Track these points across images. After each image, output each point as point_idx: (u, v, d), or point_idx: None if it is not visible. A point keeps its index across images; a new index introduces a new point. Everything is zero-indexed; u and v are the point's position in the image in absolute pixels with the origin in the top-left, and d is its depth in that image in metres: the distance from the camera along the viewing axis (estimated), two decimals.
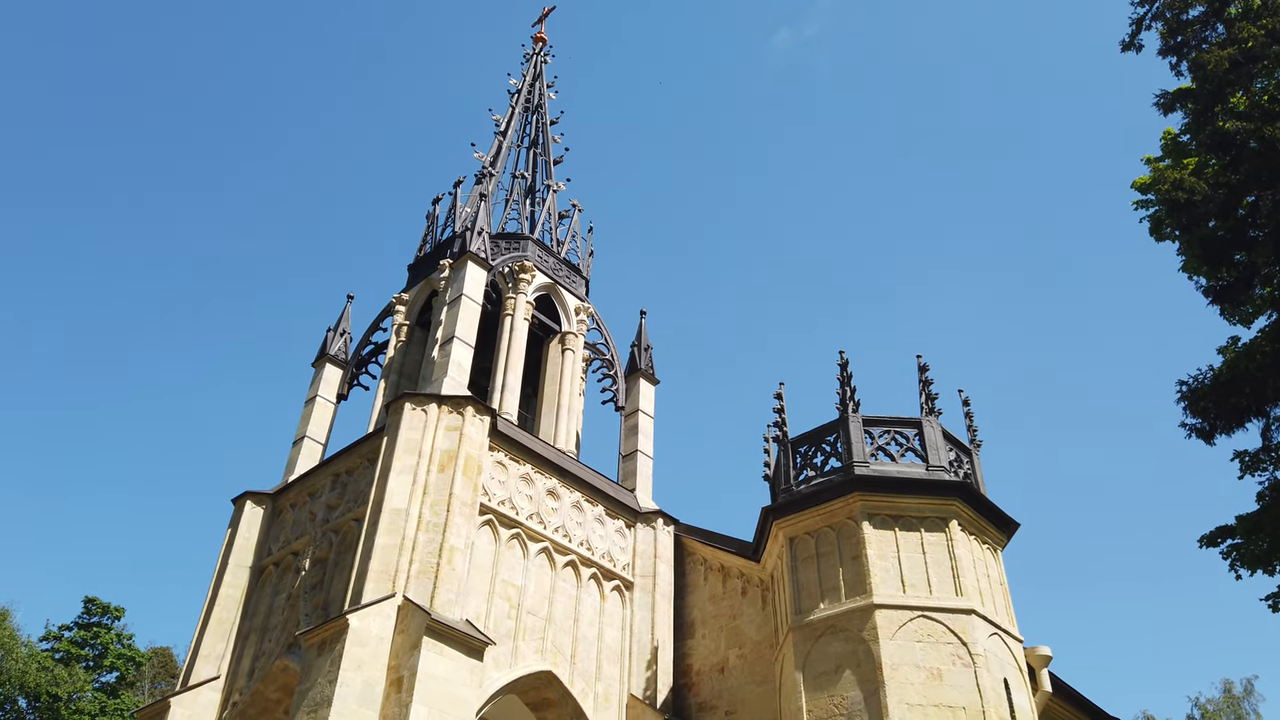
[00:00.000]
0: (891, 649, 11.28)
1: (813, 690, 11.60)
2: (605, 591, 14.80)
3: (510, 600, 13.37)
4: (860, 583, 11.95)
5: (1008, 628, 12.12)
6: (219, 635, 14.13)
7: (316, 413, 17.07)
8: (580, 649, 13.87)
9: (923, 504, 12.46)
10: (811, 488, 13.12)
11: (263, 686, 13.00)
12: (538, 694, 13.37)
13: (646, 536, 15.75)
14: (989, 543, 12.88)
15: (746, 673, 13.99)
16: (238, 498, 15.68)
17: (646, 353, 18.62)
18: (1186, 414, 12.79)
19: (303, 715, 10.84)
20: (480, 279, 16.17)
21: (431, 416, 13.55)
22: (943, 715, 10.80)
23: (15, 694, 30.05)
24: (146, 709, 13.91)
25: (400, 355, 17.46)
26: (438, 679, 11.09)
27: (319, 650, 11.34)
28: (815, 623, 12.03)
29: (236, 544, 15.03)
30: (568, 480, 15.20)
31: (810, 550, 12.74)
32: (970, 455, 13.56)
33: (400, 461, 13.04)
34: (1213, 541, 14.05)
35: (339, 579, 12.95)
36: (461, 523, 12.83)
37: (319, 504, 14.53)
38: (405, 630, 11.50)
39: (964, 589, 11.79)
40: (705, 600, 15.30)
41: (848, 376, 13.76)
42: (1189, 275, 13.33)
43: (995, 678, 11.27)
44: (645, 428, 17.60)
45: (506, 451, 14.50)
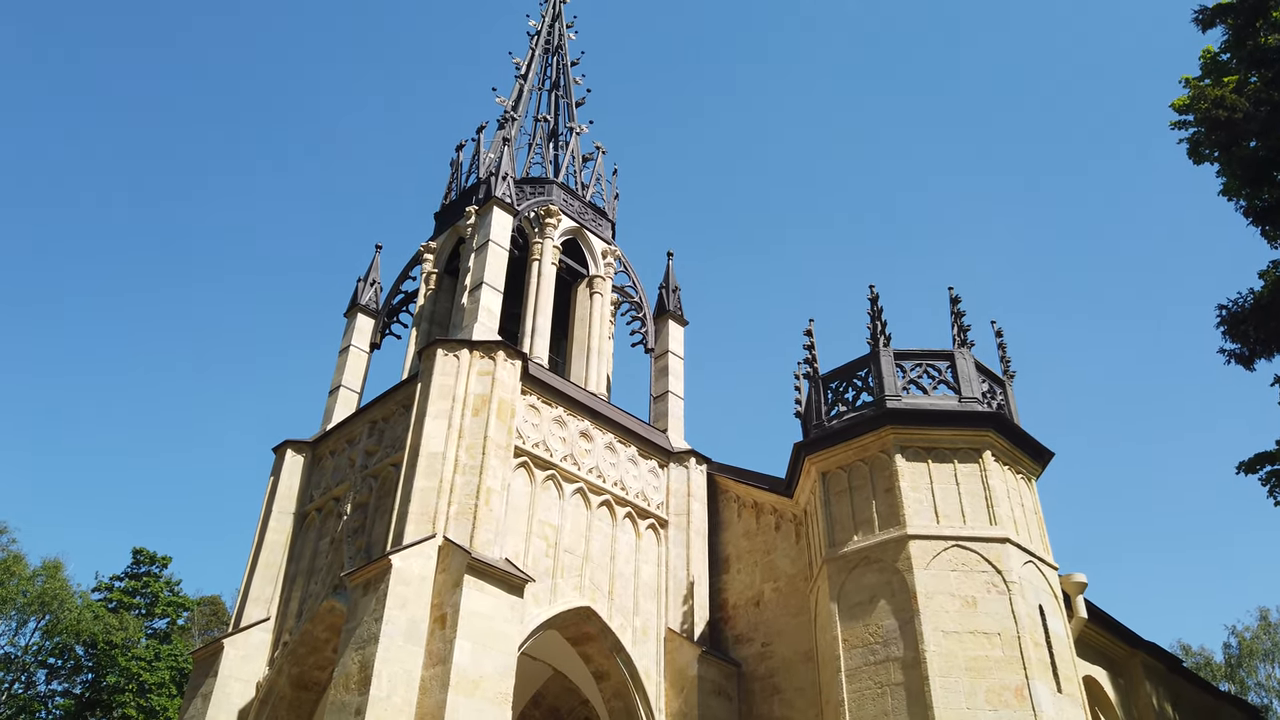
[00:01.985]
0: (926, 578, 11.39)
1: (848, 620, 11.76)
2: (640, 530, 15.01)
3: (548, 539, 13.61)
4: (894, 514, 12.02)
5: (1042, 555, 12.17)
6: (267, 579, 14.56)
7: (351, 362, 17.30)
8: (617, 585, 14.13)
9: (955, 436, 12.45)
10: (843, 423, 13.15)
11: (311, 626, 13.40)
12: (577, 629, 13.67)
13: (680, 476, 15.91)
14: (1023, 472, 12.88)
15: (782, 605, 14.20)
16: (278, 447, 16.01)
17: (675, 294, 18.60)
18: (1225, 339, 12.61)
19: (351, 652, 11.19)
20: (506, 224, 16.17)
21: (464, 362, 13.69)
22: (978, 641, 10.92)
23: (73, 642, 31.18)
24: (201, 650, 14.42)
25: (430, 303, 17.58)
26: (480, 615, 11.37)
27: (364, 590, 11.65)
28: (849, 555, 12.15)
29: (279, 491, 15.38)
30: (600, 422, 15.34)
31: (843, 484, 12.81)
32: (1004, 386, 13.50)
33: (435, 407, 13.22)
34: (1252, 468, 13.94)
35: (380, 522, 13.24)
36: (497, 465, 13.03)
37: (357, 450, 14.80)
38: (446, 569, 11.77)
39: (998, 518, 11.83)
40: (739, 536, 15.48)
41: (878, 311, 13.68)
42: (1229, 197, 13.03)
43: (1030, 604, 11.36)
44: (675, 369, 17.66)
45: (538, 395, 14.64)
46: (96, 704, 30.60)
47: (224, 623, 32.36)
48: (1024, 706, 10.47)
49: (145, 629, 32.45)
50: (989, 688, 10.59)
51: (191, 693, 13.81)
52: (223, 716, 13.26)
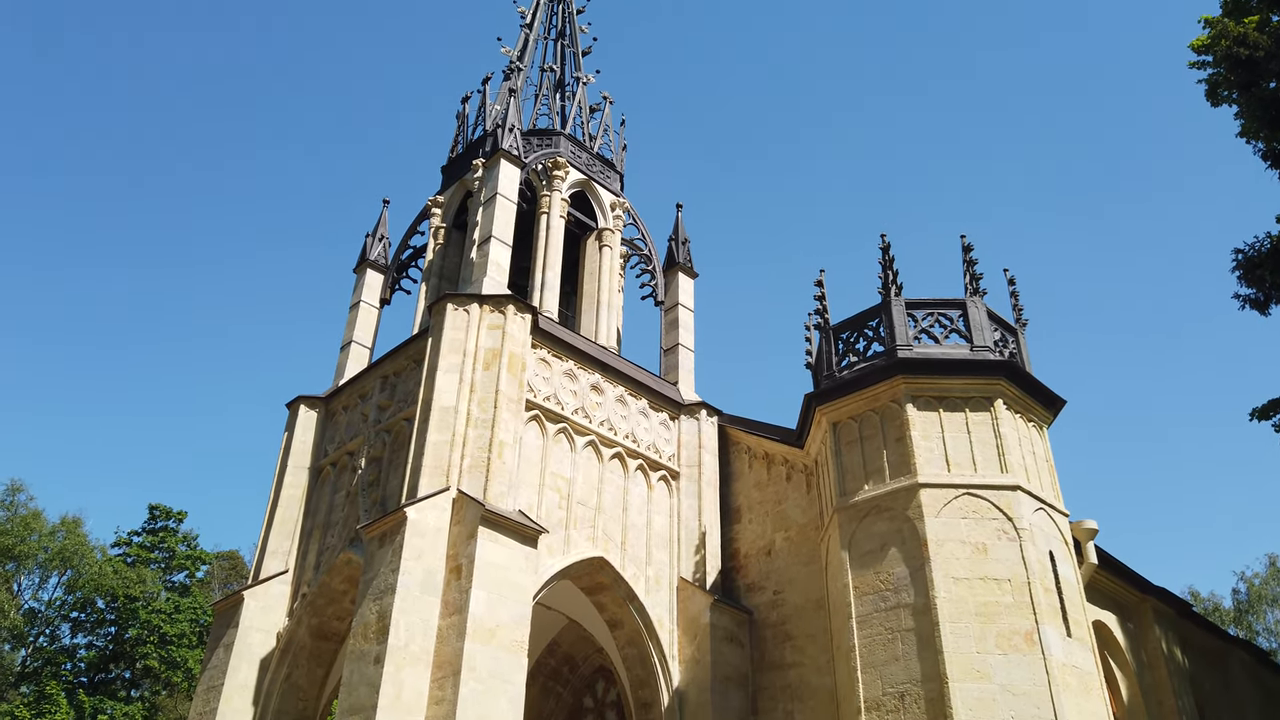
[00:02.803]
0: (937, 526, 11.45)
1: (859, 568, 11.86)
2: (652, 481, 15.11)
3: (560, 491, 13.72)
4: (904, 463, 12.05)
5: (1053, 502, 12.21)
6: (284, 533, 14.75)
7: (361, 318, 17.32)
8: (630, 536, 14.26)
9: (967, 384, 12.43)
10: (854, 373, 13.13)
11: (329, 578, 13.61)
12: (591, 578, 13.83)
13: (690, 428, 15.96)
14: (1034, 420, 12.87)
15: (793, 554, 14.33)
16: (291, 402, 16.11)
17: (684, 246, 18.50)
18: (1241, 284, 12.49)
19: (369, 602, 11.37)
20: (514, 177, 16.05)
21: (474, 316, 13.70)
22: (988, 588, 11.01)
23: (94, 596, 31.78)
24: (222, 602, 14.66)
25: (439, 258, 17.54)
26: (495, 566, 11.51)
27: (380, 542, 11.79)
28: (860, 504, 12.22)
29: (294, 447, 15.51)
30: (610, 375, 15.36)
31: (854, 434, 12.83)
32: (1016, 334, 13.43)
33: (446, 361, 13.26)
34: (1265, 415, 13.89)
35: (394, 476, 13.36)
36: (509, 418, 13.09)
37: (370, 405, 14.89)
38: (461, 521, 11.89)
39: (1009, 466, 11.85)
40: (750, 487, 15.57)
41: (890, 260, 13.58)
42: (1247, 139, 12.79)
43: (1040, 551, 11.43)
44: (685, 321, 17.62)
45: (549, 348, 14.65)
46: (120, 656, 31.28)
47: (242, 577, 32.91)
48: (1033, 650, 10.58)
49: (164, 583, 33.02)
50: (999, 632, 10.71)
51: (214, 643, 14.08)
52: (245, 666, 13.53)
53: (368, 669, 10.79)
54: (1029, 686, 10.39)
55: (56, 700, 27.77)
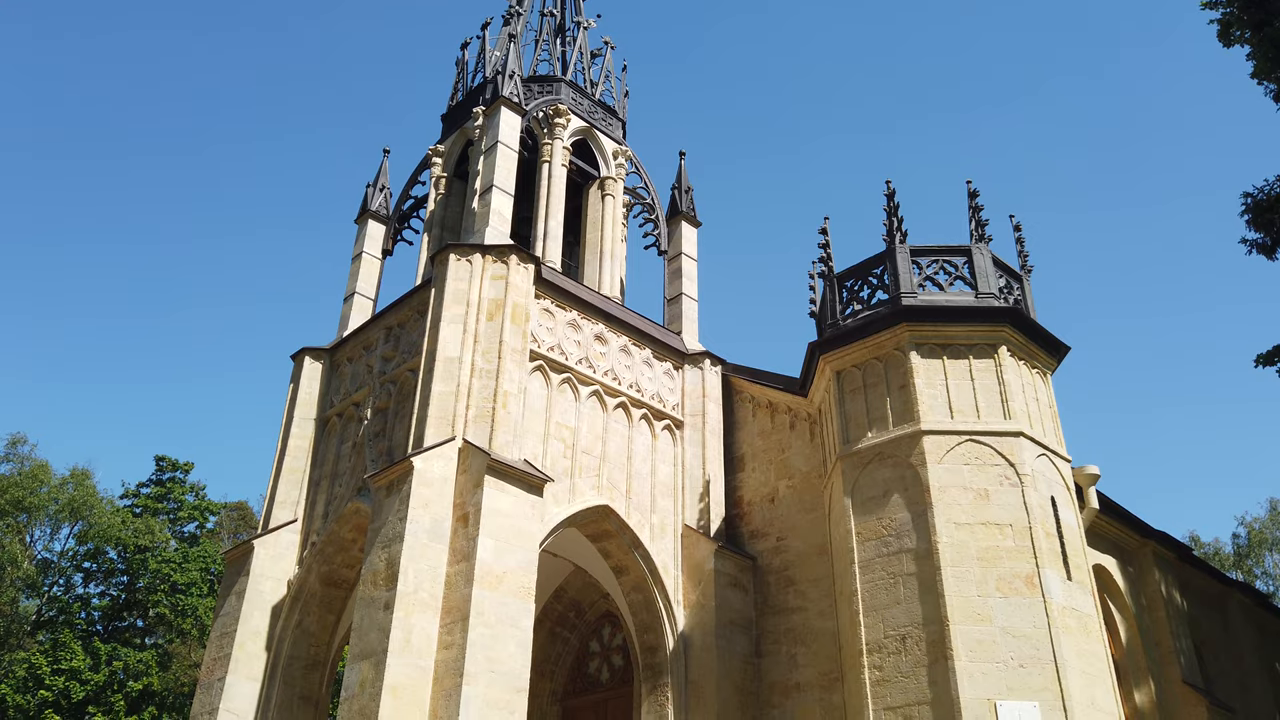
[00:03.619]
0: (939, 472, 11.52)
1: (861, 514, 11.97)
2: (656, 430, 15.19)
3: (565, 441, 13.80)
4: (908, 411, 12.09)
5: (1056, 448, 12.27)
6: (292, 483, 14.90)
7: (364, 269, 17.29)
8: (635, 485, 14.38)
9: (971, 331, 12.41)
10: (858, 321, 13.11)
11: (337, 527, 13.77)
12: (596, 526, 13.99)
13: (694, 377, 16.00)
14: (1038, 367, 12.88)
15: (796, 501, 14.45)
16: (296, 354, 16.16)
17: (687, 195, 18.37)
18: (1249, 228, 12.38)
19: (378, 550, 11.52)
20: (515, 125, 15.89)
21: (477, 267, 13.66)
22: (989, 532, 11.12)
23: (105, 546, 32.21)
24: (232, 551, 14.87)
25: (441, 208, 17.44)
26: (501, 514, 11.64)
27: (387, 491, 11.91)
28: (863, 451, 12.28)
29: (299, 398, 15.59)
30: (614, 325, 15.36)
31: (857, 383, 12.85)
32: (1021, 281, 13.38)
33: (449, 312, 13.26)
34: (1270, 360, 13.85)
35: (400, 426, 13.44)
36: (513, 368, 13.13)
37: (374, 356, 14.93)
38: (467, 470, 12.00)
39: (1012, 412, 11.88)
40: (754, 435, 15.65)
41: (894, 206, 13.48)
42: (1259, 80, 12.57)
43: (1042, 496, 11.52)
44: (689, 271, 17.57)
45: (552, 299, 14.63)
46: (132, 604, 31.79)
47: (251, 527, 33.28)
48: (1034, 594, 10.72)
49: (174, 533, 33.43)
50: (1000, 576, 10.84)
51: (225, 591, 14.31)
52: (257, 613, 13.76)
53: (378, 614, 10.98)
54: (1029, 629, 10.55)
55: (72, 647, 28.32)
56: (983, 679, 10.29)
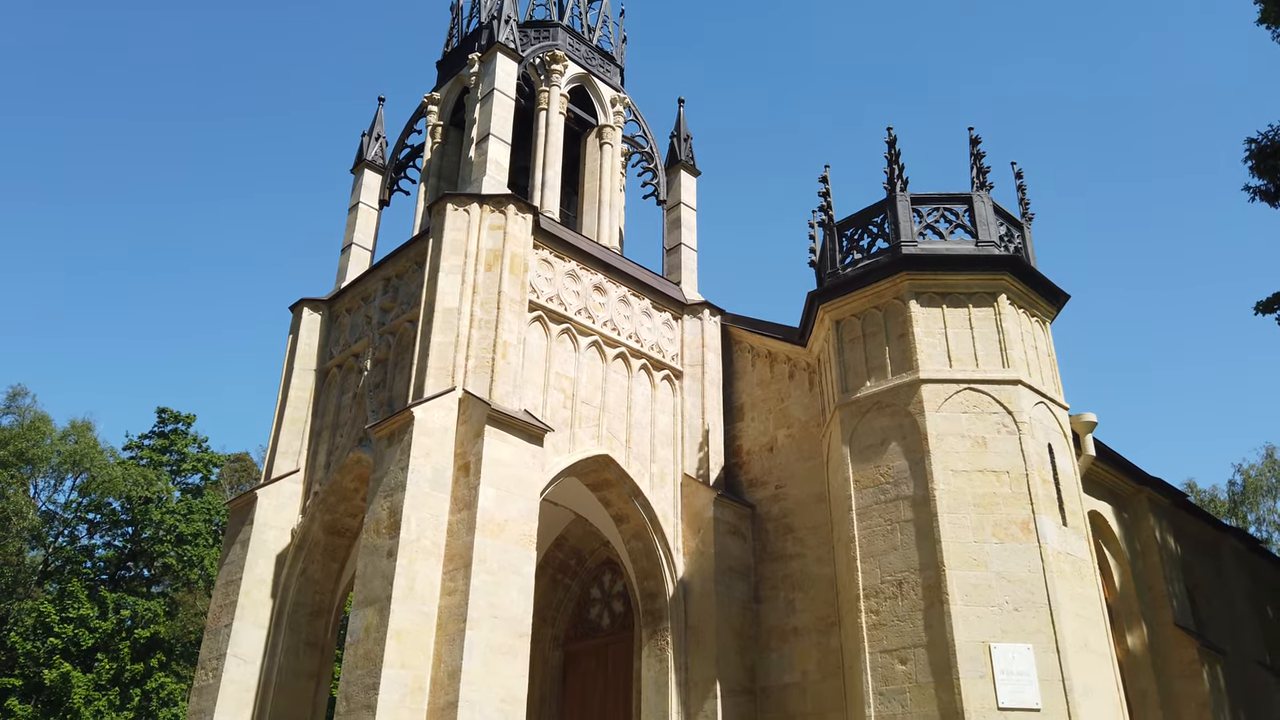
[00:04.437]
0: (937, 420, 11.59)
1: (859, 462, 12.06)
2: (655, 381, 15.23)
3: (565, 391, 13.85)
4: (907, 360, 12.12)
5: (1053, 396, 12.32)
6: (293, 434, 14.98)
7: (361, 219, 17.18)
8: (634, 434, 14.46)
9: (971, 280, 12.39)
10: (858, 270, 13.08)
11: (339, 477, 13.88)
12: (596, 475, 14.10)
13: (694, 327, 16.00)
14: (1038, 315, 12.87)
15: (795, 450, 14.55)
16: (294, 305, 16.14)
17: (686, 143, 18.18)
18: (1252, 175, 12.29)
19: (380, 499, 11.63)
20: (511, 71, 15.67)
21: (474, 217, 13.58)
22: (986, 479, 11.22)
23: (109, 498, 32.47)
24: (236, 500, 15.00)
25: (437, 157, 17.28)
26: (502, 463, 11.73)
27: (389, 441, 11.98)
28: (861, 400, 12.34)
29: (299, 349, 15.60)
30: (613, 275, 15.32)
31: (856, 332, 12.87)
32: (1021, 229, 13.32)
33: (447, 262, 13.21)
34: (1269, 308, 13.90)
35: (400, 377, 13.47)
36: (512, 319, 13.12)
37: (373, 308, 14.91)
38: (467, 421, 12.06)
39: (1011, 361, 11.91)
40: (753, 385, 15.70)
41: (895, 154, 13.36)
42: (1267, 25, 12.40)
43: (1039, 443, 11.59)
44: (688, 220, 17.47)
45: (551, 249, 14.57)
46: (138, 554, 32.18)
47: (254, 478, 33.54)
48: (1029, 539, 10.85)
49: (177, 484, 33.70)
50: (995, 522, 10.96)
51: (230, 540, 14.47)
52: (262, 561, 13.93)
53: (381, 562, 11.12)
54: (1024, 573, 10.70)
55: (79, 597, 28.73)
56: (978, 622, 10.46)
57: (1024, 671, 10.13)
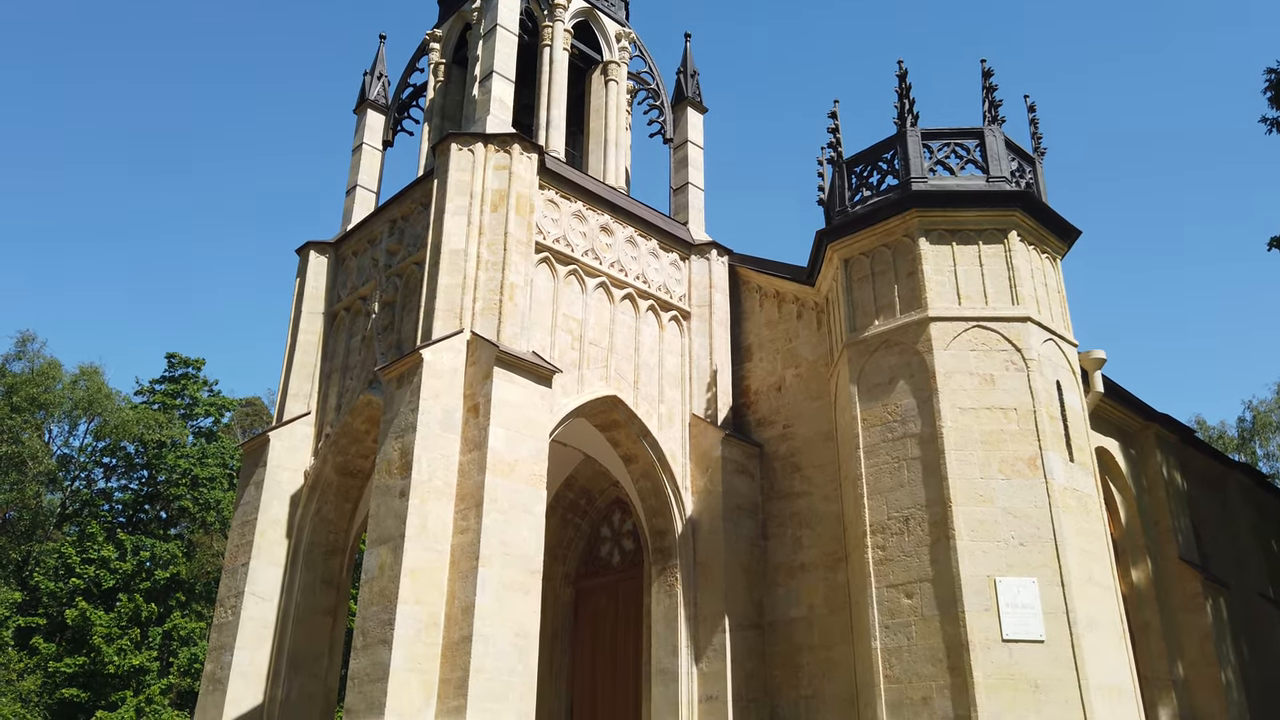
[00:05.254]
0: (945, 358, 11.57)
1: (867, 401, 12.10)
2: (663, 322, 15.21)
3: (572, 333, 13.85)
4: (915, 298, 12.07)
5: (1062, 333, 12.28)
6: (303, 377, 15.06)
7: (365, 161, 17.02)
8: (642, 375, 14.49)
9: (981, 216, 12.27)
10: (867, 208, 12.96)
11: (350, 419, 13.99)
12: (605, 416, 14.17)
13: (701, 268, 15.92)
14: (1048, 251, 12.77)
15: (803, 390, 14.58)
16: (301, 248, 16.09)
17: (693, 79, 17.87)
18: (1271, 106, 12.05)
19: (391, 440, 11.73)
20: (514, 6, 15.36)
21: (479, 156, 13.45)
22: (994, 416, 11.25)
23: (123, 442, 32.85)
24: (249, 443, 15.15)
25: (440, 96, 17.04)
26: (511, 404, 11.79)
27: (398, 383, 12.05)
28: (870, 339, 12.32)
29: (306, 293, 15.61)
30: (620, 215, 15.20)
31: (865, 270, 12.80)
32: (1033, 164, 13.13)
33: (453, 203, 13.12)
34: None
35: (408, 319, 13.49)
36: (519, 260, 13.07)
37: (379, 250, 14.86)
38: (476, 362, 12.09)
39: (1020, 298, 11.85)
40: (761, 325, 15.68)
41: (906, 88, 13.12)
42: None
43: (1048, 380, 11.59)
44: (695, 159, 17.26)
45: (557, 189, 14.44)
46: (154, 497, 32.67)
47: (265, 422, 33.84)
48: (1036, 475, 10.92)
49: (190, 428, 34.05)
50: (1003, 458, 11.01)
51: (244, 482, 14.66)
52: (276, 502, 14.13)
53: (394, 502, 11.26)
54: (1030, 509, 10.79)
55: (98, 539, 29.26)
56: (983, 557, 10.58)
57: (1028, 604, 10.28)
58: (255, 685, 13.21)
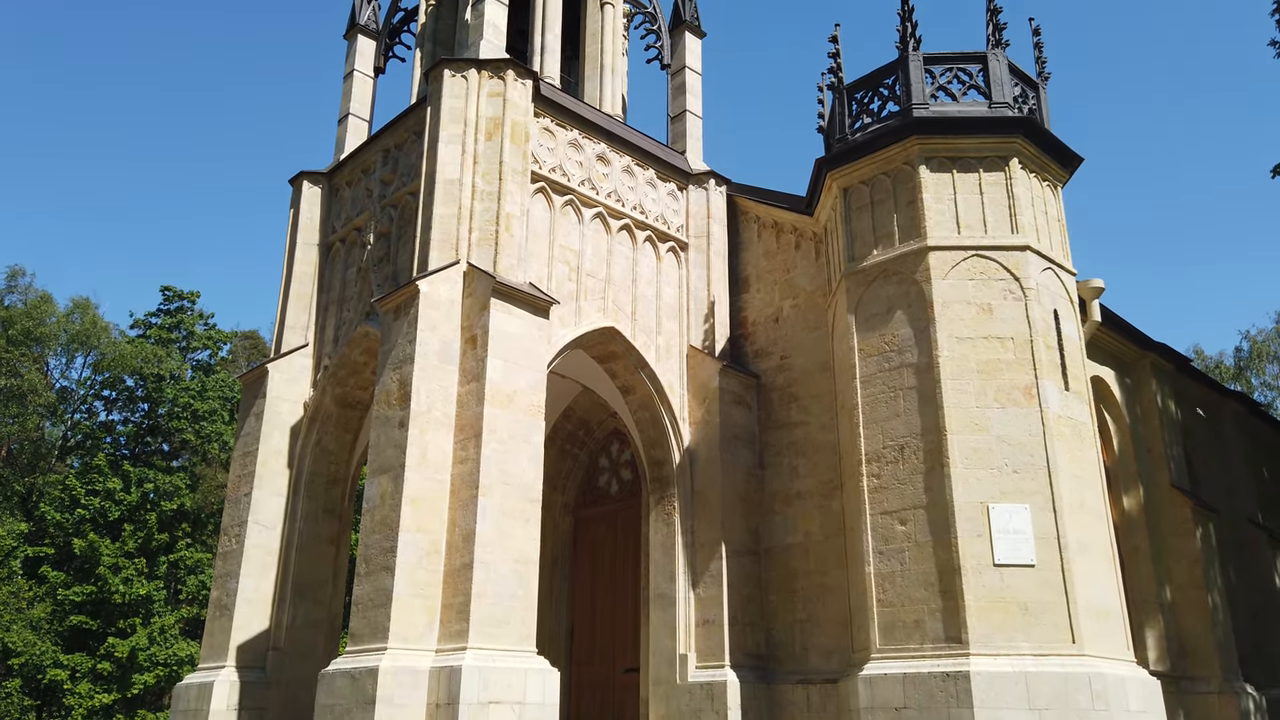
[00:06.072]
0: (944, 288, 11.55)
1: (864, 331, 12.11)
2: (661, 253, 15.12)
3: (569, 264, 13.78)
4: (915, 227, 11.98)
5: (1061, 262, 12.23)
6: (300, 309, 15.03)
7: (356, 88, 16.70)
8: (640, 307, 14.47)
9: (982, 143, 12.11)
10: (867, 135, 12.78)
11: (348, 351, 14.00)
12: (603, 348, 14.19)
13: (699, 198, 15.77)
14: (1049, 179, 12.63)
15: (800, 321, 14.58)
16: (294, 178, 15.90)
17: (691, 2, 17.46)
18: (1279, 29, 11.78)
19: (389, 372, 11.76)
20: None
21: (473, 83, 13.20)
22: (990, 345, 11.26)
23: (122, 375, 32.91)
24: (248, 375, 15.18)
25: (432, 20, 16.65)
26: (509, 335, 11.79)
27: (395, 315, 12.03)
28: (868, 269, 12.27)
29: (301, 224, 15.46)
30: (616, 144, 14.99)
31: (864, 199, 12.69)
32: (1037, 89, 12.91)
33: (447, 131, 12.92)
34: None
35: (404, 251, 13.40)
36: (515, 190, 12.93)
37: (373, 180, 14.68)
38: (473, 294, 12.06)
39: (1020, 226, 11.76)
40: (759, 256, 15.60)
41: (909, 10, 12.82)
42: None
43: (1045, 309, 11.58)
44: (693, 86, 16.95)
45: (552, 117, 14.21)
46: (156, 430, 32.87)
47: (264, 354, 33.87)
48: (1031, 403, 10.98)
49: (188, 362, 34.09)
50: (998, 387, 11.07)
51: (244, 413, 14.74)
52: (276, 433, 14.23)
53: (393, 432, 11.34)
54: (1024, 437, 10.88)
55: (103, 470, 29.52)
56: (977, 484, 10.71)
57: (1020, 530, 10.44)
58: (261, 611, 13.49)
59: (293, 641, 13.44)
